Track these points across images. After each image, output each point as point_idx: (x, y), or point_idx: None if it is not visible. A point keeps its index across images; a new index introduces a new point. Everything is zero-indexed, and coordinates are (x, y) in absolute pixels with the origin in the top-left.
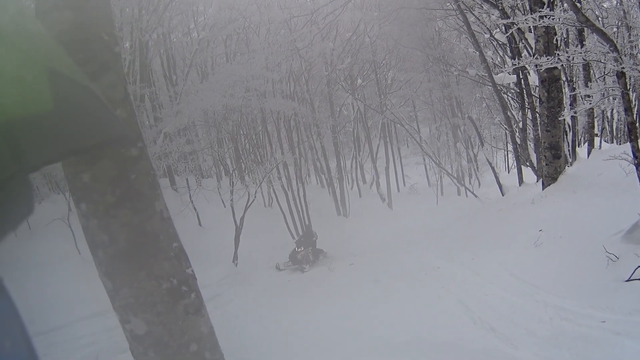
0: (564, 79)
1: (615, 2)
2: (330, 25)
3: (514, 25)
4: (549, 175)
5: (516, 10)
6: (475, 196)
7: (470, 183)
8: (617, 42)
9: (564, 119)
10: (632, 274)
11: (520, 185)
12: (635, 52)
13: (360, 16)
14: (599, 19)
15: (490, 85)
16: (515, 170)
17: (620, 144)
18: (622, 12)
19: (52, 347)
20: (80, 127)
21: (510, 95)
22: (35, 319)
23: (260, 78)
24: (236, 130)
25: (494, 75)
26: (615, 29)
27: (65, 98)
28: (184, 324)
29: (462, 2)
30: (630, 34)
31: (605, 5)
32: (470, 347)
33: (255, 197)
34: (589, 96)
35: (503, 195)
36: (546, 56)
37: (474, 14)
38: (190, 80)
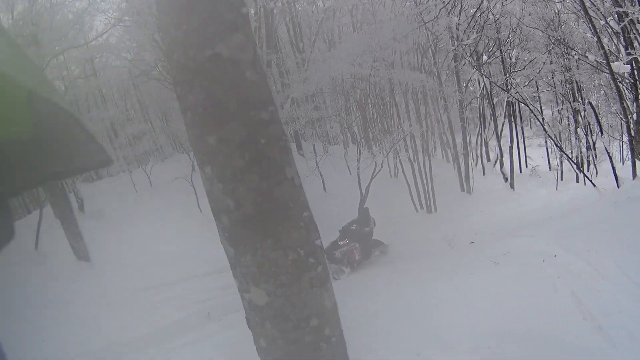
0: None
1: None
2: (455, 0)
3: (626, 15)
4: None
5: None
6: (594, 185)
7: (588, 171)
8: None
9: None
10: None
11: (633, 178)
12: None
13: None
14: None
15: (607, 73)
16: (630, 162)
17: None
18: None
19: (166, 300)
20: (60, 152)
21: (625, 85)
22: (155, 272)
23: (388, 48)
24: (364, 99)
25: (611, 63)
26: None
27: (46, 123)
28: (307, 297)
29: None
30: None
31: None
32: (575, 344)
33: (382, 166)
34: None
35: (618, 187)
36: None
37: None
38: (317, 48)
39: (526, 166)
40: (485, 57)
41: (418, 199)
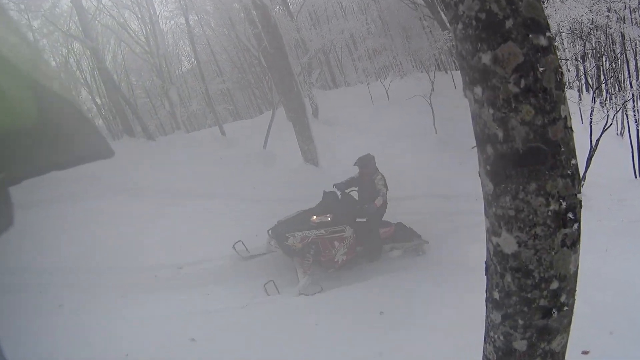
0: None
1: None
2: None
3: None
4: None
5: None
6: None
7: None
8: None
9: None
10: None
11: None
12: None
13: None
14: None
15: None
16: None
17: None
18: None
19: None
20: (63, 142)
21: None
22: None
23: (620, 2)
24: (598, 49)
25: None
26: None
27: (51, 113)
28: (556, 256)
29: None
30: None
31: None
32: None
33: (612, 122)
34: None
35: None
36: None
37: None
38: None
39: None
40: None
41: (639, 163)
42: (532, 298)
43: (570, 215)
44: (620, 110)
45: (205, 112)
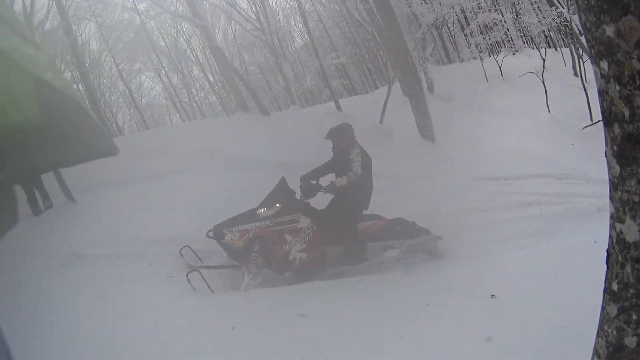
0: None
1: None
2: None
3: None
4: None
5: None
6: None
7: None
8: None
9: None
10: None
11: None
12: None
13: None
14: None
15: None
16: None
17: None
18: None
19: (499, 195)
20: (67, 139)
21: None
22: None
23: None
24: None
25: None
26: None
27: (54, 110)
28: None
29: None
30: None
31: None
32: None
33: None
34: None
35: None
36: None
37: None
38: None
39: None
40: None
41: None
42: None
43: None
44: None
45: (320, 88)
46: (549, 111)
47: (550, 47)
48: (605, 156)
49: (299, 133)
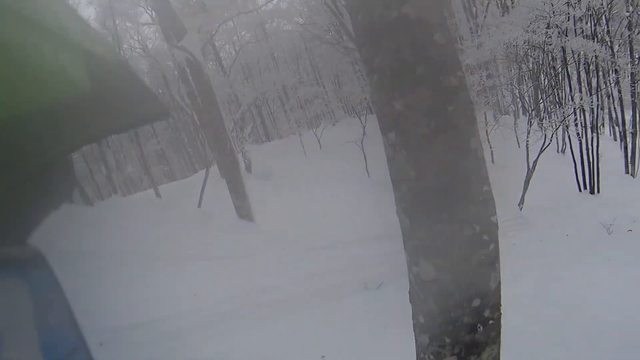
0: None
1: None
2: None
3: None
4: None
5: None
6: None
7: None
8: None
9: None
10: None
11: None
12: None
13: None
14: None
15: None
16: None
17: None
18: None
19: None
20: (119, 107)
21: None
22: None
23: (562, 14)
24: (537, 69)
25: None
26: None
27: (103, 80)
28: (475, 276)
29: None
30: None
31: None
32: None
33: (551, 141)
34: None
35: None
36: None
37: None
38: (490, 13)
39: None
40: None
41: (582, 178)
42: (455, 317)
43: (485, 236)
44: (560, 127)
45: (140, 175)
46: (369, 176)
47: (371, 112)
48: (397, 214)
49: (121, 223)
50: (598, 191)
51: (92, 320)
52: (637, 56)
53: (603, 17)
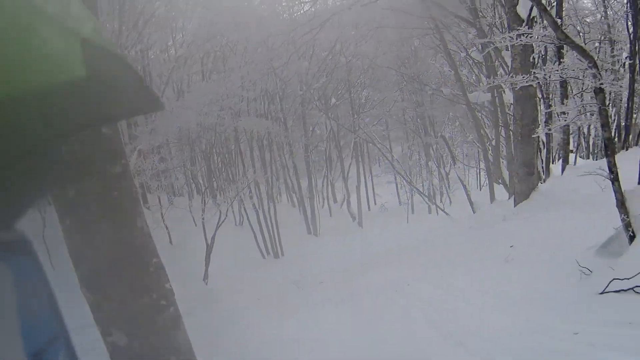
0: (539, 96)
1: (599, 16)
2: (307, 45)
3: (491, 44)
4: (521, 192)
5: (494, 29)
6: (447, 214)
7: (441, 201)
8: (597, 57)
9: (538, 136)
10: (607, 286)
11: (492, 202)
12: (617, 66)
13: (337, 35)
14: (580, 34)
15: (464, 104)
16: (487, 187)
17: (596, 160)
18: (606, 26)
19: None
20: (112, 96)
21: (484, 113)
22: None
23: (235, 97)
24: (209, 149)
25: (468, 94)
26: (597, 44)
27: (98, 67)
28: (163, 337)
29: (440, 21)
30: (613, 48)
31: (588, 20)
32: None
33: (226, 215)
34: (564, 113)
35: (474, 213)
36: (522, 74)
37: (450, 33)
38: (166, 98)
39: (374, 203)
40: (333, 100)
41: (264, 245)
42: None
43: (163, 302)
44: (236, 201)
45: None
46: (54, 269)
47: (50, 204)
48: (82, 291)
49: None
50: (282, 254)
51: None
52: (310, 129)
53: (277, 96)
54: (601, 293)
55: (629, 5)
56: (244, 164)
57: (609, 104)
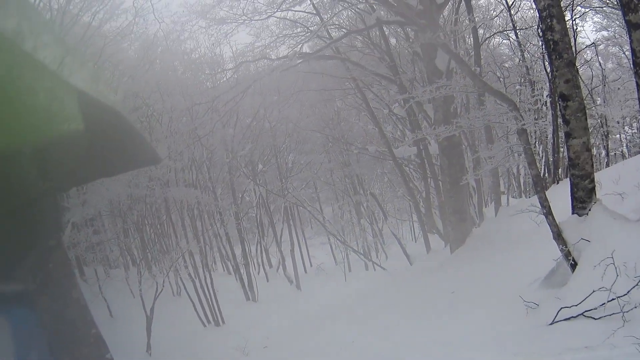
0: (465, 143)
1: (517, 60)
2: (231, 112)
3: (413, 98)
4: (456, 239)
5: (414, 83)
6: (383, 269)
7: (377, 257)
8: (519, 99)
9: (468, 182)
10: (556, 315)
11: (428, 252)
12: (539, 105)
13: (260, 101)
14: (500, 79)
15: (390, 160)
16: (422, 238)
17: (529, 197)
18: (524, 69)
19: None
20: (111, 150)
21: (411, 167)
22: None
23: (164, 167)
24: (141, 221)
25: (394, 150)
26: (518, 87)
27: (96, 121)
28: None
29: (361, 80)
30: (534, 89)
31: (506, 65)
32: None
33: (163, 286)
34: (491, 157)
35: (411, 265)
36: (445, 125)
37: (372, 91)
38: None
39: (310, 265)
40: (261, 166)
41: (204, 313)
42: None
43: None
44: (171, 272)
45: None
46: None
47: None
48: None
49: None
50: (223, 322)
51: None
52: (239, 196)
53: (204, 165)
54: (551, 324)
55: (544, 47)
56: (177, 234)
57: (535, 142)
